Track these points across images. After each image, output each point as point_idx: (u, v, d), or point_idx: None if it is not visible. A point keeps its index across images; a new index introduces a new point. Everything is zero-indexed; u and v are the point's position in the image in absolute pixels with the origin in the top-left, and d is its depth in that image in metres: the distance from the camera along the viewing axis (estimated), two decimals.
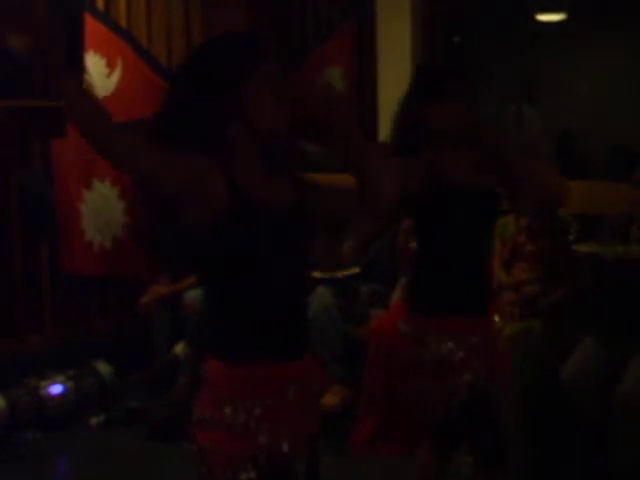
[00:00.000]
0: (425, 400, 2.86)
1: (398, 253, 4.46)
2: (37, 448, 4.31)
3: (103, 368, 4.83)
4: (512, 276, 4.06)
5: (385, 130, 5.37)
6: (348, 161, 2.07)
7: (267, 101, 1.95)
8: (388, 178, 2.07)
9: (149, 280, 5.05)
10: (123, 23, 5.37)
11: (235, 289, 1.94)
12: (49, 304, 5.04)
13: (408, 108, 2.87)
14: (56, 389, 4.60)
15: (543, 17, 8.92)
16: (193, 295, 4.83)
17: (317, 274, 4.70)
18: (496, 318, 3.95)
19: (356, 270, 4.73)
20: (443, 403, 2.81)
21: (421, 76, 2.97)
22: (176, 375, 4.60)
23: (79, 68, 4.80)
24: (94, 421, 4.60)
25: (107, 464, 4.14)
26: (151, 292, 4.97)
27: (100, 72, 5.14)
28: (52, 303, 5.05)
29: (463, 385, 2.77)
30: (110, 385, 4.81)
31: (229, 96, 1.94)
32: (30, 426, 4.44)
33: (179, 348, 4.71)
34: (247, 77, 1.95)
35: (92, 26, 5.01)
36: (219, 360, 1.96)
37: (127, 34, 5.33)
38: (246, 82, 1.95)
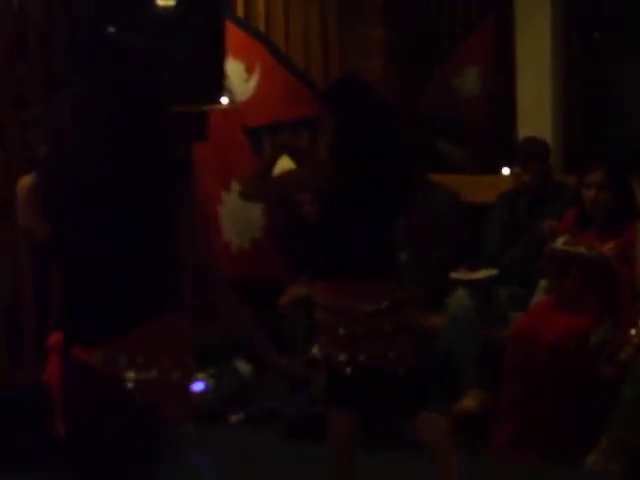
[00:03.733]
0: None
1: (542, 255, 4.37)
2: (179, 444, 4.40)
3: (242, 367, 4.92)
4: None
5: (524, 130, 5.31)
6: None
7: None
8: None
9: (287, 281, 5.11)
10: (262, 28, 5.46)
11: None
12: (189, 302, 5.14)
13: None
14: (197, 386, 4.71)
15: None
16: None
17: (455, 275, 4.67)
18: (632, 331, 3.81)
19: (494, 272, 4.67)
20: None
21: None
22: (314, 375, 4.64)
23: None
24: (234, 419, 4.69)
25: (247, 461, 4.21)
26: (289, 293, 5.03)
27: (239, 77, 5.26)
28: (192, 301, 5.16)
29: None
30: (249, 383, 4.90)
31: None
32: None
33: (317, 348, 4.74)
34: None
35: (232, 32, 5.13)
36: None
37: (266, 39, 5.44)
38: None
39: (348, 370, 3.24)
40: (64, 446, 2.34)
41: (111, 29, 4.17)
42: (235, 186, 5.18)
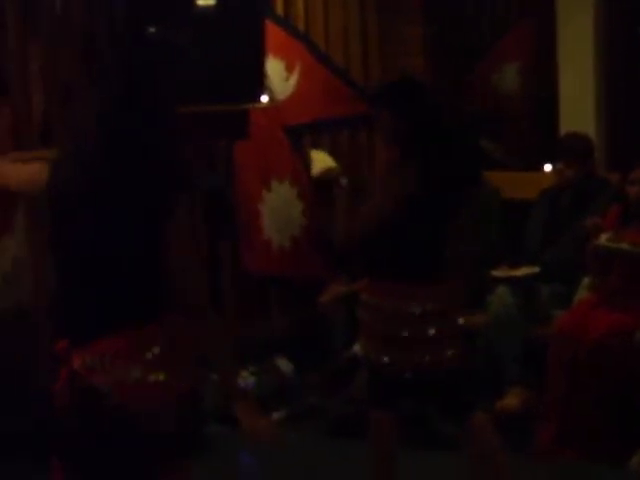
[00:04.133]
0: None
1: (585, 252, 4.33)
2: (221, 441, 4.43)
3: (284, 364, 4.94)
4: None
5: (566, 127, 5.26)
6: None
7: None
8: None
9: (327, 279, 5.12)
10: (301, 26, 5.48)
11: None
12: (231, 301, 5.17)
13: None
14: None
15: None
16: None
17: (497, 273, 4.65)
18: None
19: (536, 270, 4.64)
20: None
21: None
22: (355, 373, 4.64)
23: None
24: (275, 416, 4.70)
25: (288, 459, 4.21)
26: (330, 291, 5.04)
27: (279, 76, 5.28)
28: (234, 300, 5.18)
29: None
30: (290, 381, 4.91)
31: None
32: (215, 419, 4.57)
33: (358, 346, 4.74)
34: None
35: (272, 31, 5.14)
36: None
37: (305, 38, 5.45)
38: None
39: (388, 371, 3.21)
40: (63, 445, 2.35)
41: (151, 29, 4.20)
42: (275, 185, 5.21)
